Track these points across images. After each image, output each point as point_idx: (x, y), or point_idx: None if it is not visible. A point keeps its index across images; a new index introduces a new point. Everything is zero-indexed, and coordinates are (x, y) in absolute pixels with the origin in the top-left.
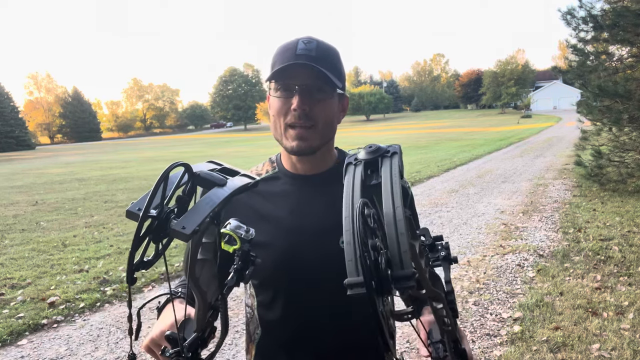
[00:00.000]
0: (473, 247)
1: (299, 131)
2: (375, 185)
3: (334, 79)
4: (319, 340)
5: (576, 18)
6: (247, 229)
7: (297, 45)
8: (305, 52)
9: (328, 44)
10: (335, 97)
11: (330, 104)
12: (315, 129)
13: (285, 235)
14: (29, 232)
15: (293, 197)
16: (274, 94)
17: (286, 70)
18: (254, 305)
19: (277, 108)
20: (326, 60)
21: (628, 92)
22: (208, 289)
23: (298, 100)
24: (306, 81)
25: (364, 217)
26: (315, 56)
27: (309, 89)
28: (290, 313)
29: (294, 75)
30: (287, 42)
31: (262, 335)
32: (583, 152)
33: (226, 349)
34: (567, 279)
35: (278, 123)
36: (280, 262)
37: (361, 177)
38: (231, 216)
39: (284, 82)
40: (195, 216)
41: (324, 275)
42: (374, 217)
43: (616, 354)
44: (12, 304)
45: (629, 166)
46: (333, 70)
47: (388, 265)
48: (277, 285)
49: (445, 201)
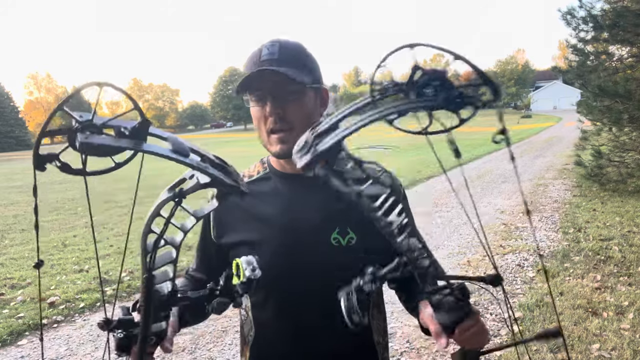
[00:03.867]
0: (473, 247)
1: (279, 135)
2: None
3: (300, 76)
4: (313, 340)
5: (576, 18)
6: (253, 267)
7: (261, 52)
8: (268, 56)
9: (293, 42)
10: (309, 93)
11: (303, 103)
12: (294, 131)
13: (277, 234)
14: (29, 232)
15: (284, 197)
16: (251, 105)
17: (253, 79)
18: (247, 307)
19: (257, 117)
20: (291, 60)
21: (628, 92)
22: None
23: (270, 106)
24: (273, 86)
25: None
26: (279, 59)
27: (279, 93)
28: (284, 312)
29: (261, 83)
30: (253, 51)
31: (255, 336)
32: (583, 152)
33: (226, 349)
34: (567, 279)
35: (261, 130)
36: (272, 261)
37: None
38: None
39: (255, 92)
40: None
41: (316, 273)
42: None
43: (616, 354)
44: (12, 304)
45: (629, 166)
46: (300, 68)
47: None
48: (270, 284)
49: (445, 201)
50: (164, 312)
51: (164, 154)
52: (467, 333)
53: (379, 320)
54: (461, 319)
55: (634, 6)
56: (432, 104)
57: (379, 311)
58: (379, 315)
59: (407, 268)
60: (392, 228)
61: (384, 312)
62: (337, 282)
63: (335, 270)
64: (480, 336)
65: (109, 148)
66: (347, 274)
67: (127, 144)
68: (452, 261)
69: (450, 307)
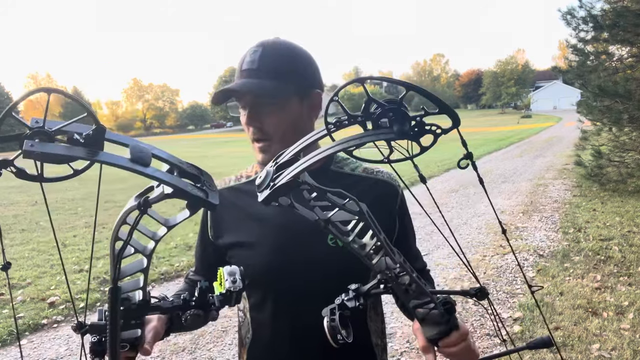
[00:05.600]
0: (473, 247)
1: (261, 145)
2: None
3: (280, 86)
4: (310, 341)
5: (576, 18)
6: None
7: (244, 59)
8: (248, 65)
9: (280, 45)
10: (292, 100)
11: (284, 113)
12: (274, 141)
13: (273, 234)
14: (29, 232)
15: None
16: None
17: (232, 92)
18: (246, 308)
19: (243, 124)
20: (271, 69)
21: (628, 92)
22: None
23: (246, 118)
24: (251, 99)
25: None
26: (258, 68)
27: (255, 106)
28: (281, 313)
29: (241, 95)
30: (242, 54)
31: (253, 338)
32: (583, 152)
33: (226, 349)
34: (567, 279)
35: (248, 137)
36: (269, 261)
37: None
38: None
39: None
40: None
41: (313, 274)
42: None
43: (616, 354)
44: (12, 303)
45: (629, 166)
46: (282, 76)
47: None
48: (267, 284)
49: (446, 201)
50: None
51: (120, 164)
52: (452, 348)
53: (376, 322)
54: (446, 333)
55: (634, 6)
56: (389, 137)
57: (377, 313)
58: (376, 317)
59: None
60: (367, 250)
61: (382, 314)
62: (334, 282)
63: (332, 271)
64: (466, 353)
65: (60, 157)
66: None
67: (79, 153)
68: (452, 261)
69: (435, 321)
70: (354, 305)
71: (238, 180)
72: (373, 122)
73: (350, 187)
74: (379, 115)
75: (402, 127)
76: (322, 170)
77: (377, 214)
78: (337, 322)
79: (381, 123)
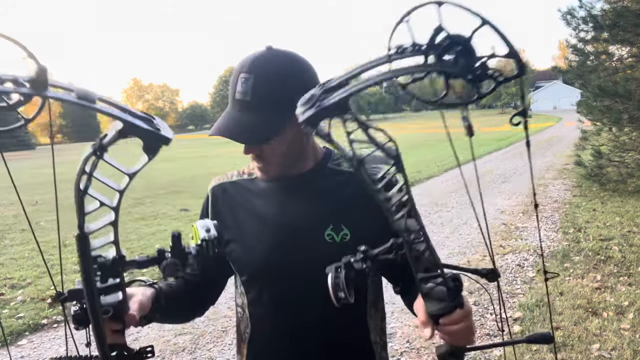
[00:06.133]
0: (473, 247)
1: (260, 166)
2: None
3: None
4: (309, 337)
5: (576, 18)
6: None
7: (235, 87)
8: (241, 96)
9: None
10: (288, 129)
11: (280, 142)
12: (270, 164)
13: (272, 231)
14: (29, 232)
15: (279, 195)
16: None
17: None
18: (244, 304)
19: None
20: (264, 99)
21: (628, 92)
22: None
23: (244, 149)
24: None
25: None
26: (250, 101)
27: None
28: (280, 308)
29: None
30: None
31: (252, 333)
32: (583, 152)
33: (226, 349)
34: (567, 279)
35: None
36: (267, 258)
37: None
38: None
39: None
40: None
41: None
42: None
43: (616, 354)
44: (12, 304)
45: (629, 166)
46: (279, 105)
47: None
48: (265, 281)
49: (445, 201)
50: (114, 279)
51: (69, 99)
52: (452, 327)
53: (376, 319)
54: (449, 311)
55: (634, 6)
56: (450, 70)
57: (377, 310)
58: (376, 315)
59: (401, 251)
60: (390, 204)
61: (382, 312)
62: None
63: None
64: (466, 334)
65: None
66: None
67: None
68: (452, 261)
69: (440, 297)
70: (360, 267)
71: (240, 176)
72: (437, 54)
73: (347, 185)
74: (444, 48)
75: (469, 63)
76: (319, 167)
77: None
78: (342, 279)
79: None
